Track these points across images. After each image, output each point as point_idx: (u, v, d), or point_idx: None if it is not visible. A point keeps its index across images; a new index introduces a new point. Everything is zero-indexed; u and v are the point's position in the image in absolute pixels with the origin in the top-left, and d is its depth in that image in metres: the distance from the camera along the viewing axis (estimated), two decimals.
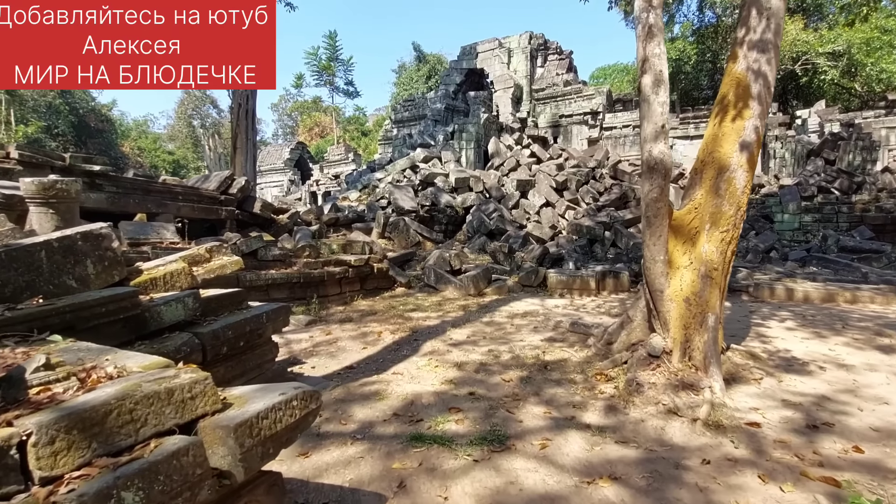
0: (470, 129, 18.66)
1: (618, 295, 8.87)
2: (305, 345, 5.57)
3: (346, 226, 12.23)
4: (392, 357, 4.89)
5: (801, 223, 14.88)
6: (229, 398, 1.74)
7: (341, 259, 8.16)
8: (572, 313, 7.15)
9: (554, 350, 4.99)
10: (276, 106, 53.85)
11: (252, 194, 8.96)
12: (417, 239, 12.35)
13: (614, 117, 20.80)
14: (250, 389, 1.81)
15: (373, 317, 7.06)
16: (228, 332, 3.15)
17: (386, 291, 9.07)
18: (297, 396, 1.68)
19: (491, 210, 14.48)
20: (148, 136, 44.77)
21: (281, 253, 7.32)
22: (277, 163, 32.10)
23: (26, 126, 26.26)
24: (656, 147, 3.83)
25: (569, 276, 8.90)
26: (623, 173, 17.24)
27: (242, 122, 18.33)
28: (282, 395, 1.66)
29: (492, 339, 5.60)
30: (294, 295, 7.31)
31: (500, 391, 3.76)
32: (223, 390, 1.84)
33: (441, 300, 8.33)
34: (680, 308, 3.85)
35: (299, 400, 1.68)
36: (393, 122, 25.45)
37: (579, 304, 7.91)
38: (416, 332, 5.91)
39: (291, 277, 7.16)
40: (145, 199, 7.25)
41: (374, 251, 9.44)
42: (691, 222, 4.00)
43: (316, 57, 34.00)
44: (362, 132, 42.95)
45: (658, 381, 3.57)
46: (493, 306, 7.74)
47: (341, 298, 8.11)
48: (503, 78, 21.93)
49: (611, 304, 7.85)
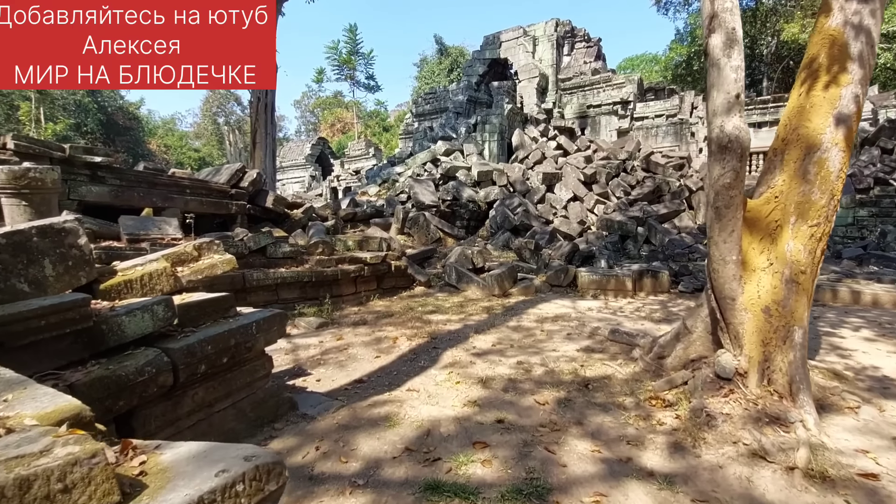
0: (493, 120, 17.92)
1: (657, 296, 8.09)
2: (313, 352, 5.04)
3: (363, 221, 11.74)
4: (408, 369, 4.30)
5: (856, 217, 13.66)
6: (149, 469, 1.16)
7: (356, 256, 7.63)
8: (609, 317, 6.43)
9: (594, 363, 4.31)
10: (299, 103, 54.04)
11: (264, 188, 8.52)
12: (438, 235, 11.76)
13: (646, 107, 19.70)
14: (187, 453, 1.23)
15: (389, 319, 6.51)
16: (207, 346, 2.61)
17: (404, 291, 8.51)
18: (244, 476, 1.09)
19: (515, 205, 13.76)
20: (174, 133, 45.44)
21: (292, 250, 6.83)
22: (299, 158, 31.97)
23: (55, 124, 26.77)
24: (729, 121, 3.11)
25: (602, 275, 8.16)
26: (656, 165, 16.23)
27: (262, 117, 18.06)
28: (221, 475, 1.08)
29: (520, 347, 4.96)
30: (305, 295, 6.82)
31: (535, 418, 3.13)
32: (150, 451, 1.27)
33: (463, 301, 7.72)
34: (757, 320, 3.14)
35: (248, 482, 1.10)
36: (414, 115, 24.87)
37: (615, 307, 7.18)
38: (436, 339, 5.32)
39: (302, 276, 6.66)
40: (150, 192, 6.86)
41: (391, 248, 8.90)
42: (770, 214, 3.27)
43: (336, 51, 33.67)
44: (384, 128, 42.58)
45: (733, 411, 2.88)
46: (519, 308, 7.09)
47: (356, 298, 7.59)
48: (528, 67, 21.06)
49: (651, 308, 7.09)
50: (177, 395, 2.57)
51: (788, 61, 25.78)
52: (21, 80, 3.14)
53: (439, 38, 36.68)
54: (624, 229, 12.98)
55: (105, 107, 32.34)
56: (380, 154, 29.02)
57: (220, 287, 5.80)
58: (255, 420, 2.93)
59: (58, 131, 26.12)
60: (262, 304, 6.26)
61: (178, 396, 2.57)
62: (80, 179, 6.10)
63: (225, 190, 7.74)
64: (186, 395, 2.62)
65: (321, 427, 2.98)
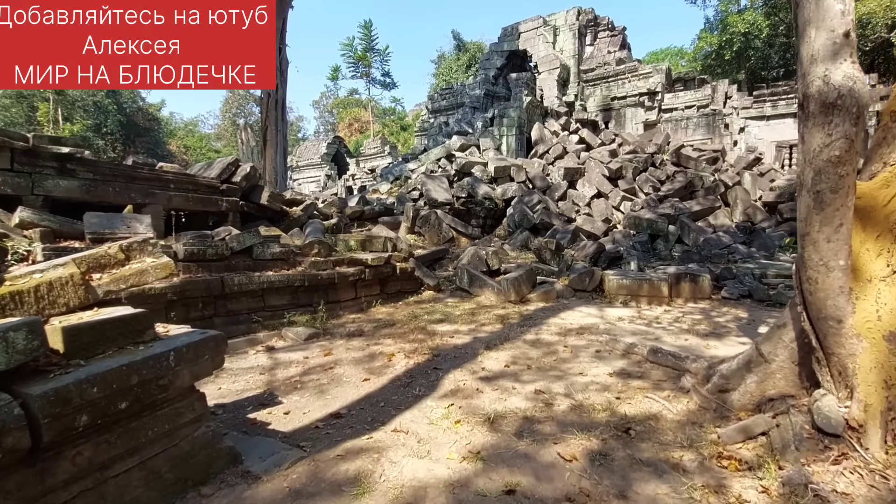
0: (511, 113, 16.99)
1: (696, 304, 7.09)
2: (294, 371, 4.27)
3: (371, 220, 11.01)
4: (399, 398, 3.49)
5: None
6: None
7: (356, 258, 6.86)
8: (644, 330, 5.49)
9: (633, 394, 3.42)
10: (318, 103, 53.90)
11: (260, 183, 7.84)
12: (451, 234, 10.93)
13: (675, 97, 18.48)
14: None
15: (389, 330, 5.71)
16: (92, 388, 1.84)
17: (411, 295, 7.71)
18: None
19: (535, 202, 12.83)
20: (195, 134, 45.77)
21: (282, 251, 6.10)
22: (314, 158, 31.57)
23: (72, 125, 26.94)
24: (837, 68, 2.19)
25: (633, 279, 7.20)
26: (687, 159, 15.06)
27: (272, 113, 17.57)
28: None
29: (539, 369, 4.09)
30: (297, 301, 6.08)
31: (559, 483, 2.27)
32: None
33: (475, 308, 6.87)
34: (877, 351, 2.21)
35: None
36: (430, 111, 24.10)
37: (650, 317, 6.22)
38: (438, 356, 4.49)
39: (293, 280, 5.92)
40: (128, 187, 6.23)
41: (397, 248, 8.11)
42: (892, 201, 2.33)
43: (351, 48, 33.13)
44: (402, 126, 41.95)
45: (854, 490, 1.96)
46: (538, 317, 6.21)
47: (356, 304, 6.82)
48: (548, 59, 20.06)
49: (692, 318, 6.11)
50: (45, 458, 1.81)
51: None
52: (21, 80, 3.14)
53: (457, 34, 35.83)
54: (654, 228, 11.92)
55: (125, 108, 32.55)
56: (395, 152, 28.35)
57: (194, 293, 5.12)
58: (174, 484, 2.15)
59: (75, 132, 26.25)
60: (245, 313, 5.55)
61: (47, 461, 1.81)
62: (46, 172, 5.49)
63: (214, 185, 7.08)
64: (62, 457, 1.85)
65: (264, 495, 2.18)
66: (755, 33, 23.60)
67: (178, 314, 4.92)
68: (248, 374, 4.25)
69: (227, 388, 3.89)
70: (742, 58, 25.11)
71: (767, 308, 6.74)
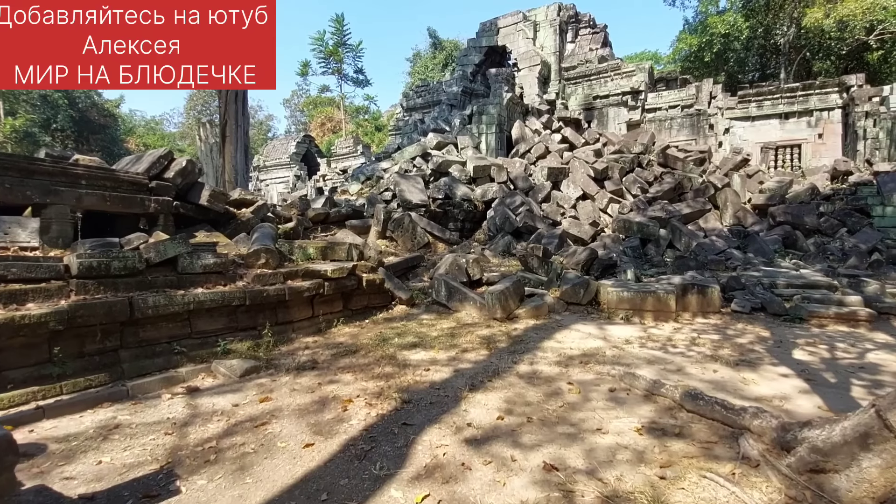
0: (491, 110, 16.08)
1: (706, 318, 6.24)
2: (214, 429, 3.15)
3: (338, 223, 9.86)
4: (350, 484, 2.42)
5: None
6: None
7: (313, 269, 5.73)
8: (659, 357, 4.56)
9: (681, 468, 2.44)
10: (289, 102, 52.03)
11: (197, 180, 6.62)
12: (426, 239, 9.88)
13: (658, 97, 17.94)
14: None
15: (350, 359, 4.62)
16: None
17: (380, 311, 6.62)
18: None
19: (517, 204, 11.91)
20: (156, 132, 43.33)
21: (219, 262, 4.93)
22: (283, 157, 29.98)
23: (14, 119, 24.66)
24: None
25: (636, 292, 6.30)
26: (675, 160, 14.44)
27: (231, 107, 16.12)
28: None
29: (543, 422, 3.08)
30: (236, 324, 4.92)
31: None
32: None
33: (455, 326, 5.84)
34: None
35: None
36: (405, 109, 23.01)
37: (661, 338, 5.31)
38: (410, 403, 3.43)
39: (230, 298, 4.76)
40: (24, 183, 4.95)
41: (365, 256, 7.01)
42: None
43: (322, 42, 31.70)
44: (377, 127, 40.65)
45: None
46: (531, 339, 5.22)
47: (313, 325, 5.70)
48: (528, 55, 19.27)
49: (709, 339, 5.23)
50: None
51: (806, 52, 24.12)
52: (21, 80, 3.13)
53: (433, 32, 34.91)
54: (644, 232, 11.16)
55: (77, 103, 30.29)
56: (369, 152, 27.09)
57: (90, 321, 3.91)
58: None
59: (17, 127, 24.02)
60: (164, 342, 4.36)
61: None
62: None
63: (140, 182, 5.84)
64: None
65: None
66: (735, 35, 23.44)
67: (66, 349, 3.72)
68: (149, 435, 3.10)
69: (110, 463, 2.75)
70: (721, 60, 24.97)
71: (786, 324, 5.94)
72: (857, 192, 13.11)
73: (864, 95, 14.33)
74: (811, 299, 6.50)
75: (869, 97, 14.26)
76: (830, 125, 16.14)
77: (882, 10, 20.09)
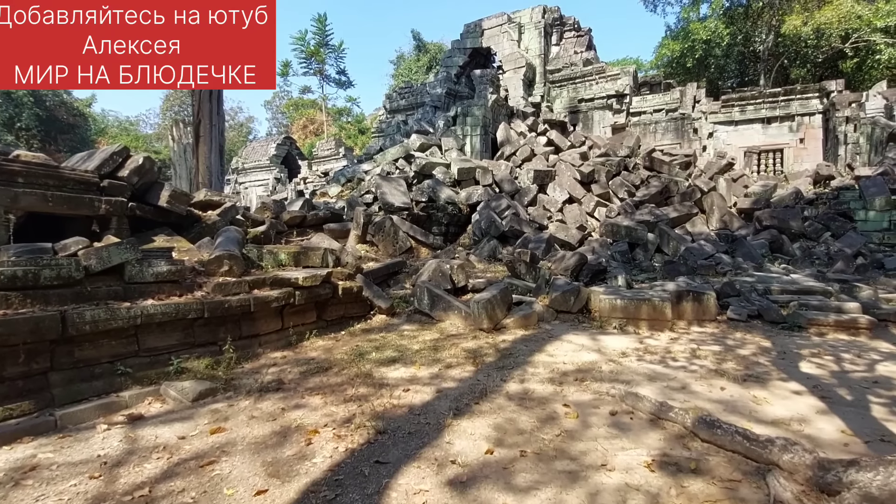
0: (476, 112, 15.74)
1: (702, 327, 5.93)
2: (149, 469, 2.64)
3: (316, 227, 9.34)
4: None
5: (892, 221, 11.88)
6: None
7: (283, 277, 5.23)
8: (660, 372, 4.20)
9: None
10: (270, 104, 50.98)
11: (157, 179, 6.05)
12: (409, 244, 9.44)
13: (643, 101, 17.85)
14: None
15: (321, 377, 4.15)
16: None
17: (358, 321, 6.14)
18: None
19: (503, 207, 11.55)
20: (130, 133, 41.88)
21: (174, 269, 4.41)
22: (262, 160, 29.18)
23: None
24: None
25: (629, 299, 5.96)
26: (661, 163, 14.30)
27: (206, 106, 15.43)
28: None
29: (539, 457, 2.66)
30: (193, 339, 4.39)
31: None
32: None
33: (438, 338, 5.41)
34: None
35: None
36: (387, 111, 22.54)
37: (658, 349, 4.96)
38: (385, 433, 2.98)
39: (186, 310, 4.23)
40: None
41: (342, 262, 6.53)
42: None
43: (304, 42, 31.06)
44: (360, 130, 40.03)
45: None
46: (520, 353, 4.81)
47: (282, 338, 5.19)
48: (513, 57, 19.03)
49: (710, 350, 4.89)
50: None
51: (783, 59, 24.45)
52: (21, 80, 3.17)
53: (417, 34, 34.57)
54: (633, 236, 10.90)
55: (45, 101, 29.01)
56: (351, 154, 26.53)
57: (11, 340, 3.35)
58: None
59: None
60: (106, 361, 3.82)
61: None
62: None
63: (89, 181, 5.27)
64: None
65: None
66: (716, 41, 23.61)
67: None
68: (71, 480, 2.59)
69: None
70: (703, 66, 25.15)
71: (786, 332, 5.66)
72: (839, 197, 13.11)
73: (844, 101, 14.42)
74: (808, 306, 6.25)
75: (849, 102, 14.35)
76: (812, 130, 16.24)
77: (857, 18, 20.45)
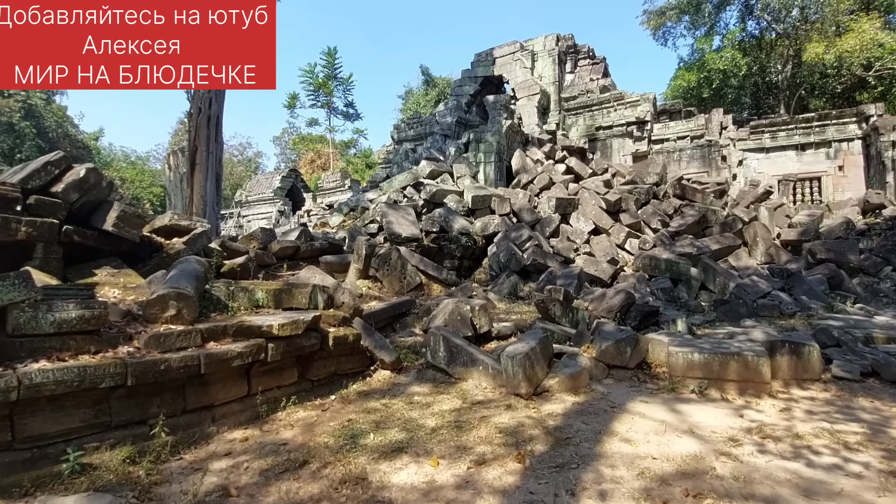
0: (489, 138, 14.73)
1: (805, 390, 4.47)
2: None
3: (311, 259, 8.07)
4: None
5: None
6: None
7: (250, 325, 3.86)
8: (805, 474, 2.74)
9: None
10: (279, 139, 51.09)
11: (107, 198, 4.81)
12: (418, 279, 8.10)
13: (665, 127, 16.86)
14: None
15: (290, 482, 2.73)
16: None
17: (353, 381, 4.72)
18: None
19: (524, 238, 10.25)
20: (136, 167, 41.58)
21: (87, 315, 3.08)
22: (266, 192, 28.41)
23: None
24: None
25: (710, 353, 4.51)
26: (693, 191, 13.06)
27: (203, 132, 14.57)
28: None
29: None
30: (109, 418, 3.01)
31: None
32: None
33: (461, 407, 3.98)
34: None
35: None
36: (395, 141, 21.73)
37: (776, 430, 3.48)
38: None
39: (98, 376, 2.87)
40: None
41: (335, 303, 5.18)
42: None
43: (312, 74, 30.90)
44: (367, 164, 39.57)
45: None
46: (581, 437, 3.36)
47: (248, 408, 3.78)
48: (526, 84, 18.26)
49: (853, 431, 3.42)
50: None
51: (801, 90, 23.62)
52: (21, 80, 3.14)
53: (426, 69, 34.43)
54: (674, 270, 9.51)
55: (47, 132, 28.70)
56: (357, 186, 25.65)
57: None
58: None
59: None
60: None
61: None
62: None
63: (5, 196, 4.07)
64: None
65: None
66: (733, 71, 22.92)
67: None
68: None
69: None
70: (719, 96, 24.41)
71: None
72: (894, 227, 11.74)
73: (888, 125, 13.27)
74: None
75: (893, 126, 13.20)
76: (851, 157, 15.06)
77: (879, 47, 19.67)
